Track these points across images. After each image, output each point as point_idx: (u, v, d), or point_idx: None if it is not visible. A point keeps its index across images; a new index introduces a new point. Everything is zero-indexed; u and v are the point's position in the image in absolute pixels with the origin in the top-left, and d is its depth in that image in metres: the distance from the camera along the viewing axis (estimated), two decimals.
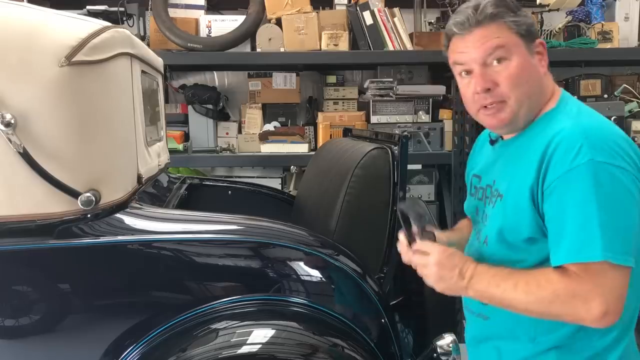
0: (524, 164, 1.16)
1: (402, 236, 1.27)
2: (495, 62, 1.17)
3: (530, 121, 1.21)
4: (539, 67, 1.20)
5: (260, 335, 1.45)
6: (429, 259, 1.18)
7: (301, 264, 1.52)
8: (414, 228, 1.23)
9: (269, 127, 3.30)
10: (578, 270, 1.05)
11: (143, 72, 1.76)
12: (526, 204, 1.14)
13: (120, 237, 1.43)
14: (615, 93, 3.24)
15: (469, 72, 1.20)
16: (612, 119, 3.03)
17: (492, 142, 1.33)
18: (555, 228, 1.09)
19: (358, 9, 3.09)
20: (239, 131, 3.33)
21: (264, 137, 3.19)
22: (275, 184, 3.22)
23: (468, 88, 1.21)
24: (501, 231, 1.19)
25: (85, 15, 2.40)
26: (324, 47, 3.06)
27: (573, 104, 1.21)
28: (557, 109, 1.20)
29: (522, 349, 1.20)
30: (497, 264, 1.18)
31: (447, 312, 1.97)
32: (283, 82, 3.35)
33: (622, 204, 1.05)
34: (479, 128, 3.18)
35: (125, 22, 3.13)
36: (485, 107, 1.19)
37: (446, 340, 1.59)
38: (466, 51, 1.19)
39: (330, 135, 3.13)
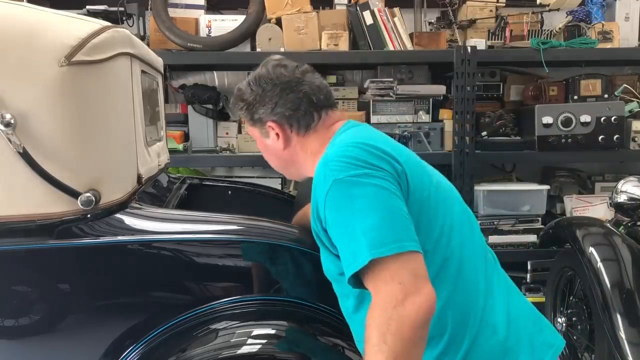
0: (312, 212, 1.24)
1: None
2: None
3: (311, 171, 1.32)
4: (277, 145, 1.39)
5: (260, 335, 1.45)
6: None
7: (301, 264, 1.51)
8: None
9: None
10: (371, 278, 1.04)
11: (143, 72, 1.76)
12: (322, 247, 1.25)
13: (120, 237, 1.43)
14: (616, 93, 3.24)
15: None
16: (612, 119, 3.04)
17: None
18: (338, 247, 1.13)
19: (358, 8, 3.09)
20: (239, 131, 3.33)
21: None
22: (275, 184, 3.22)
23: None
24: (326, 274, 1.31)
25: (85, 15, 2.39)
26: (324, 47, 3.06)
27: (336, 141, 1.29)
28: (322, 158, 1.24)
29: None
30: (340, 298, 1.31)
31: None
32: None
33: (374, 201, 1.08)
34: (479, 128, 3.18)
35: (125, 22, 3.13)
36: None
37: None
38: None
39: None
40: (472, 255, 1.25)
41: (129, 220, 1.46)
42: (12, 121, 1.25)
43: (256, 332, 1.46)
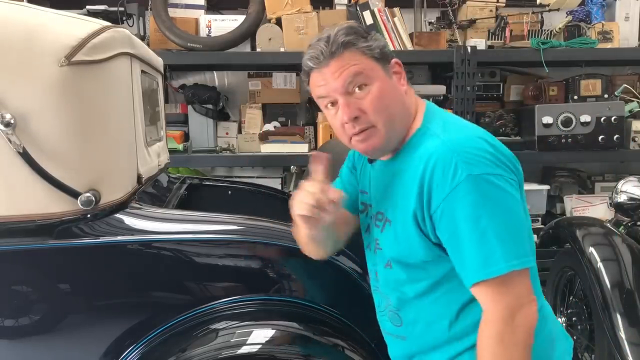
0: (404, 190, 1.16)
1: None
2: (357, 90, 1.16)
3: (401, 142, 1.21)
4: (398, 86, 1.20)
5: (260, 335, 1.45)
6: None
7: (301, 264, 1.51)
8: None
9: (269, 127, 3.30)
10: (493, 287, 1.06)
11: (143, 72, 1.76)
12: (413, 231, 1.15)
13: (120, 237, 1.43)
14: (616, 93, 3.24)
15: (334, 103, 1.19)
16: (612, 119, 3.04)
17: (370, 161, 1.32)
18: (456, 251, 1.10)
19: (358, 8, 3.09)
20: (239, 131, 3.33)
21: (264, 137, 3.19)
22: (275, 184, 3.22)
23: (336, 119, 1.19)
24: (399, 257, 1.21)
25: (85, 15, 2.39)
26: None
27: (438, 118, 1.21)
28: (424, 127, 1.20)
29: (441, 356, 1.21)
30: (406, 282, 1.22)
31: None
32: (283, 82, 3.35)
33: (509, 208, 1.07)
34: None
35: (125, 22, 3.13)
36: (356, 134, 1.18)
37: None
38: (326, 83, 1.18)
39: (330, 135, 3.12)
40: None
41: (129, 220, 1.46)
42: (12, 121, 1.25)
43: (256, 332, 1.46)
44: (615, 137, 3.05)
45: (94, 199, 1.35)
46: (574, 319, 2.49)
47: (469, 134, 1.14)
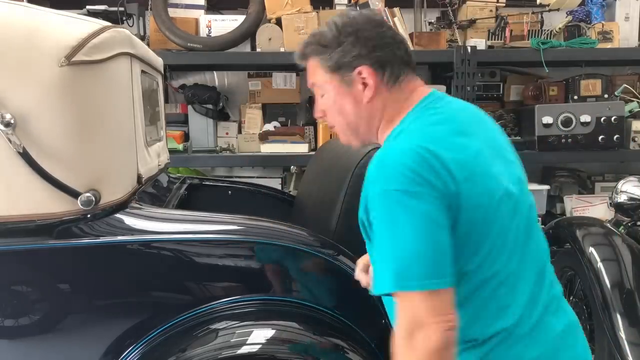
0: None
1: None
2: (319, 95, 1.26)
3: (379, 139, 1.25)
4: (358, 95, 1.21)
5: (260, 335, 1.45)
6: None
7: (301, 264, 1.52)
8: None
9: (269, 127, 3.30)
10: (396, 302, 1.05)
11: (143, 72, 1.76)
12: (365, 236, 1.16)
13: (120, 237, 1.43)
14: (616, 93, 3.24)
15: None
16: (612, 119, 3.04)
17: None
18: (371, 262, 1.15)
19: (358, 8, 3.09)
20: (239, 131, 3.33)
21: (264, 137, 3.19)
22: (275, 184, 3.22)
23: None
24: (372, 263, 1.20)
25: (85, 15, 2.39)
26: None
27: (409, 122, 1.19)
28: (393, 131, 1.20)
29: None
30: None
31: None
32: (283, 82, 3.35)
33: (414, 230, 1.03)
34: None
35: (125, 22, 3.13)
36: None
37: None
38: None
39: (330, 135, 3.12)
40: (519, 271, 1.16)
41: (129, 220, 1.46)
42: (12, 121, 1.25)
43: (256, 332, 1.46)
44: (615, 137, 3.05)
45: (94, 199, 1.35)
46: None
47: (409, 143, 1.10)
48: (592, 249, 2.21)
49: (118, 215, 1.45)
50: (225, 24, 3.12)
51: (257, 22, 3.10)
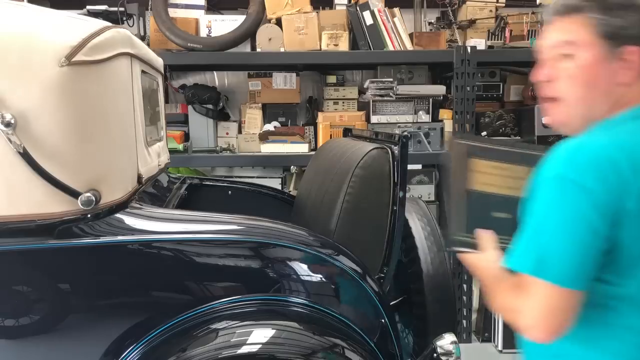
0: None
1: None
2: (562, 56, 1.11)
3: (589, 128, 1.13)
4: (616, 74, 1.09)
5: (260, 335, 1.45)
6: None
7: (301, 264, 1.52)
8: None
9: (269, 127, 3.31)
10: (526, 279, 1.06)
11: (143, 72, 1.76)
12: None
13: (120, 237, 1.43)
14: None
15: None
16: None
17: None
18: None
19: (358, 9, 3.10)
20: (239, 131, 3.34)
21: (264, 137, 3.19)
22: (275, 184, 3.22)
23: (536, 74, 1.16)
24: None
25: (85, 15, 2.40)
26: (324, 47, 3.06)
27: (615, 121, 1.11)
28: (605, 122, 1.12)
29: None
30: None
31: (447, 312, 1.97)
32: (283, 82, 3.35)
33: (567, 223, 1.01)
34: (479, 128, 3.18)
35: (125, 22, 3.14)
36: (543, 98, 1.15)
37: (446, 340, 1.60)
38: (543, 38, 1.15)
39: (330, 135, 3.13)
40: None
41: (129, 220, 1.46)
42: (12, 121, 1.25)
43: (256, 332, 1.46)
44: None
45: (94, 199, 1.35)
46: None
47: (604, 141, 1.04)
48: None
49: (118, 215, 1.45)
50: (225, 24, 3.12)
51: (257, 22, 3.10)
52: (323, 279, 1.56)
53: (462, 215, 1.27)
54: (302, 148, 3.16)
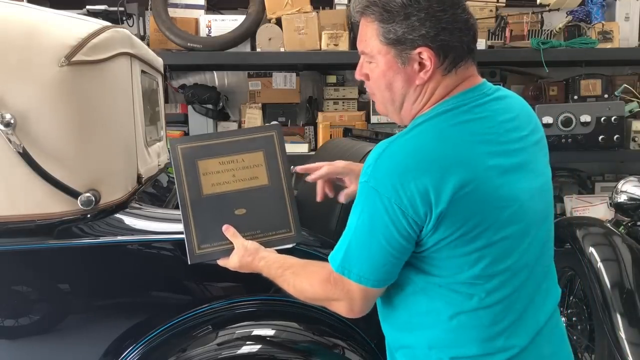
0: None
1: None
2: (366, 60, 1.18)
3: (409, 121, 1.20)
4: (413, 77, 1.12)
5: (260, 335, 1.45)
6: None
7: None
8: None
9: None
10: (335, 274, 1.15)
11: (143, 72, 1.76)
12: None
13: (120, 237, 1.43)
14: (616, 93, 3.24)
15: None
16: (612, 119, 3.04)
17: None
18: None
19: None
20: None
21: None
22: None
23: None
24: None
25: (85, 15, 2.39)
26: (324, 47, 3.06)
27: (422, 119, 1.14)
28: (416, 120, 1.16)
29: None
30: None
31: None
32: (283, 82, 3.35)
33: (369, 229, 1.10)
34: None
35: (125, 22, 3.13)
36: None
37: None
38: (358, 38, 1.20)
39: (330, 135, 3.13)
40: (524, 297, 1.15)
41: (129, 220, 1.46)
42: (12, 121, 1.25)
43: (256, 332, 1.46)
44: (615, 137, 3.05)
45: (94, 199, 1.35)
46: (574, 319, 2.49)
47: (420, 141, 1.09)
48: (592, 249, 2.21)
49: (118, 215, 1.45)
50: (225, 24, 3.12)
51: (257, 22, 3.10)
52: None
53: (203, 225, 1.26)
54: (302, 148, 3.16)
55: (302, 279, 1.22)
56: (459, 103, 1.12)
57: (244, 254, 1.29)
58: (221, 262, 1.33)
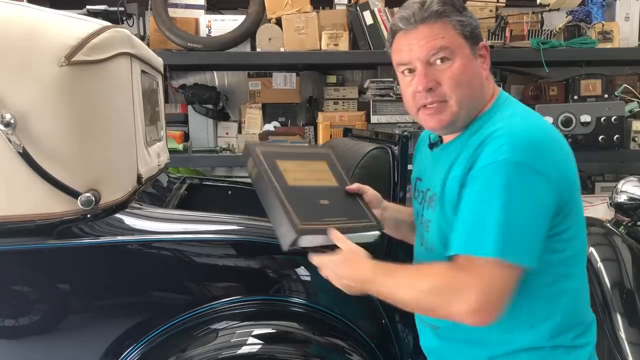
0: (457, 164, 1.15)
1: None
2: (438, 62, 1.14)
3: (468, 123, 1.20)
4: (481, 70, 1.19)
5: (260, 335, 1.45)
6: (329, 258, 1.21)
7: (301, 264, 1.51)
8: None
9: (269, 127, 3.31)
10: (465, 262, 1.05)
11: (143, 72, 1.76)
12: (449, 204, 1.15)
13: (120, 237, 1.43)
14: (616, 93, 3.24)
15: (412, 70, 1.17)
16: (613, 119, 3.04)
17: (431, 146, 1.31)
18: (460, 217, 1.10)
19: (358, 8, 3.09)
20: (239, 131, 3.33)
21: (264, 137, 3.19)
22: None
23: (409, 87, 1.18)
24: (443, 233, 1.17)
25: (85, 15, 2.39)
26: (324, 47, 3.06)
27: (508, 105, 1.20)
28: (492, 110, 1.19)
29: (479, 353, 1.18)
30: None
31: None
32: (283, 82, 3.35)
33: (527, 208, 1.04)
34: None
35: (125, 22, 3.13)
36: (425, 106, 1.17)
37: None
38: (410, 49, 1.16)
39: (330, 135, 3.13)
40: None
41: (129, 220, 1.46)
42: (12, 121, 1.25)
43: (256, 332, 1.46)
44: (615, 137, 3.05)
45: (94, 199, 1.35)
46: None
47: (534, 124, 1.15)
48: (592, 249, 2.21)
49: (118, 215, 1.45)
50: (225, 24, 3.12)
51: (257, 22, 3.10)
52: (323, 279, 1.55)
53: (294, 207, 1.24)
54: None
55: (419, 276, 1.12)
56: (510, 99, 1.22)
57: (364, 255, 1.20)
58: (331, 261, 1.22)
